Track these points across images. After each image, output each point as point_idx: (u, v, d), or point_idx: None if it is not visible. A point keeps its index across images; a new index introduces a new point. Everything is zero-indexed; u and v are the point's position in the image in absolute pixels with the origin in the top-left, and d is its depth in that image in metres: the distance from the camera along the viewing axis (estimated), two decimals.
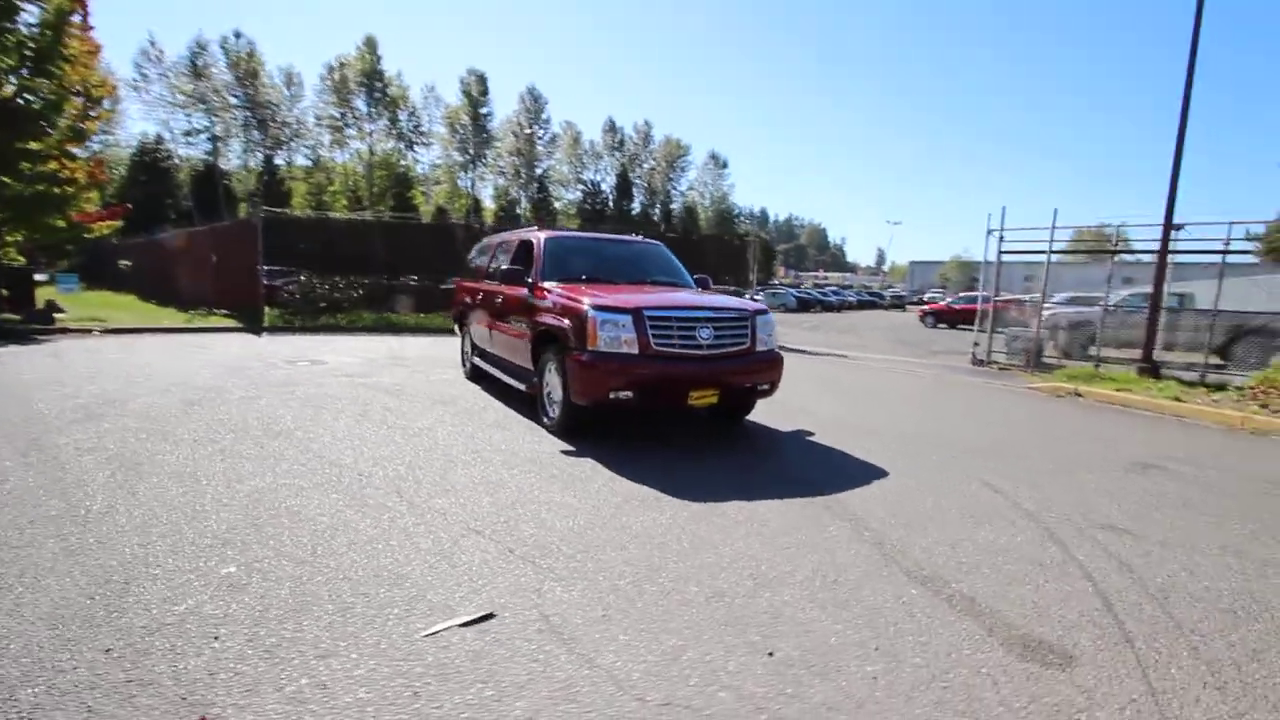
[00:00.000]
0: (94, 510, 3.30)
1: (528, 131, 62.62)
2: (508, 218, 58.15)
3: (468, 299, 7.85)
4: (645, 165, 77.17)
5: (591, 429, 5.16)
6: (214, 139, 47.19)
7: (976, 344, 14.38)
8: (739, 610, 2.54)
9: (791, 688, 2.06)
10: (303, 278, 16.20)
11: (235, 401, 6.11)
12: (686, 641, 2.30)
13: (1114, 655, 2.34)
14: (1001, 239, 13.88)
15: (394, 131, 54.12)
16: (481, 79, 59.51)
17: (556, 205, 67.94)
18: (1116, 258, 14.52)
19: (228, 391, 6.58)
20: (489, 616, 2.40)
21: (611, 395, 4.71)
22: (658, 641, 2.29)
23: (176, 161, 46.20)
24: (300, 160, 51.19)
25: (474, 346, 7.69)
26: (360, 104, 51.51)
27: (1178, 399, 7.86)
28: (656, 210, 75.80)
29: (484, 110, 60.71)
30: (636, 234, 8.09)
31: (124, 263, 24.63)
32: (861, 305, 44.81)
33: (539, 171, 66.49)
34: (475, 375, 7.88)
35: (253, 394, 6.52)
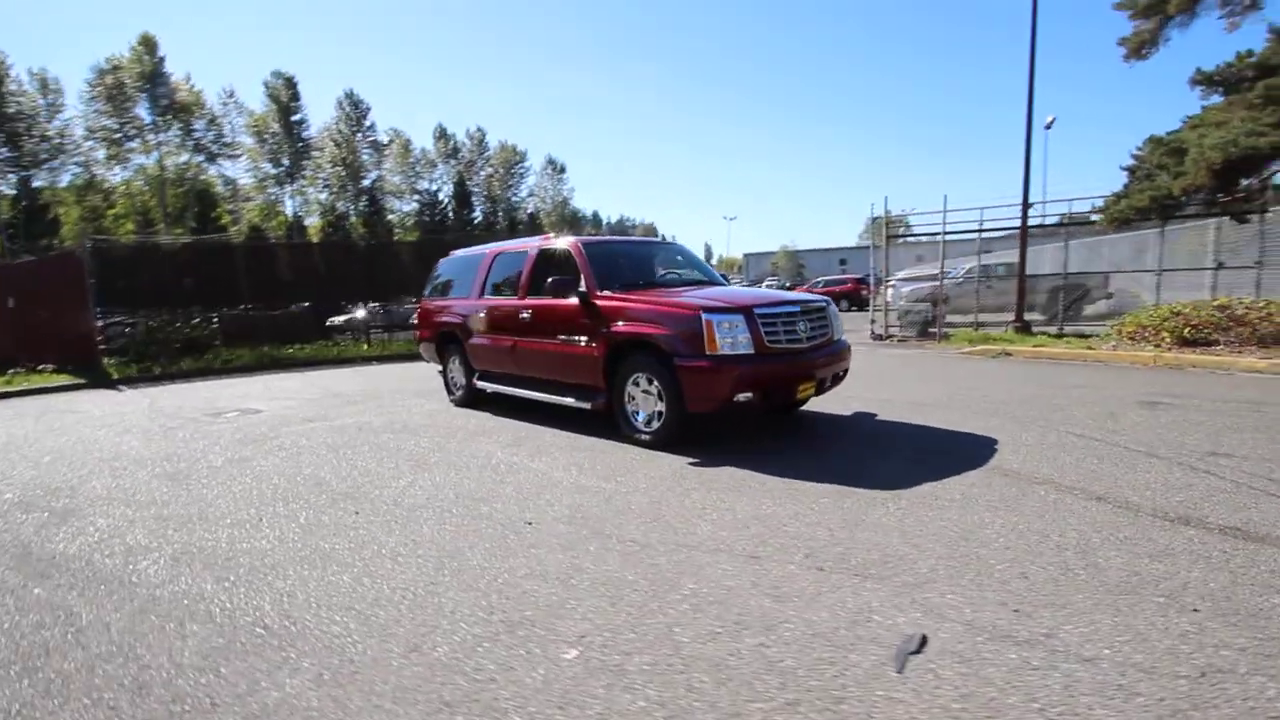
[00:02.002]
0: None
1: (351, 138, 57.77)
2: (337, 233, 53.31)
3: (455, 320, 7.06)
4: (482, 173, 75.00)
5: (678, 440, 4.88)
6: None
7: (874, 321, 15.87)
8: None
9: None
10: (150, 319, 13.55)
11: (229, 467, 4.94)
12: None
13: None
14: (886, 225, 15.46)
15: (189, 143, 47.02)
16: (290, 82, 53.84)
17: (391, 218, 63.65)
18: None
19: (194, 459, 5.30)
20: (923, 640, 2.18)
21: (737, 398, 4.51)
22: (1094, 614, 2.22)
23: None
24: (69, 181, 42.57)
25: (472, 370, 6.94)
26: (142, 113, 44.05)
27: (1089, 348, 9.29)
28: (500, 218, 73.99)
29: (296, 117, 55.00)
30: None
31: None
32: None
33: (367, 183, 61.76)
34: (471, 401, 7.13)
35: (234, 456, 5.31)
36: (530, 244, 6.39)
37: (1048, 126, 34.94)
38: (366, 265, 21.08)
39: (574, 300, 5.42)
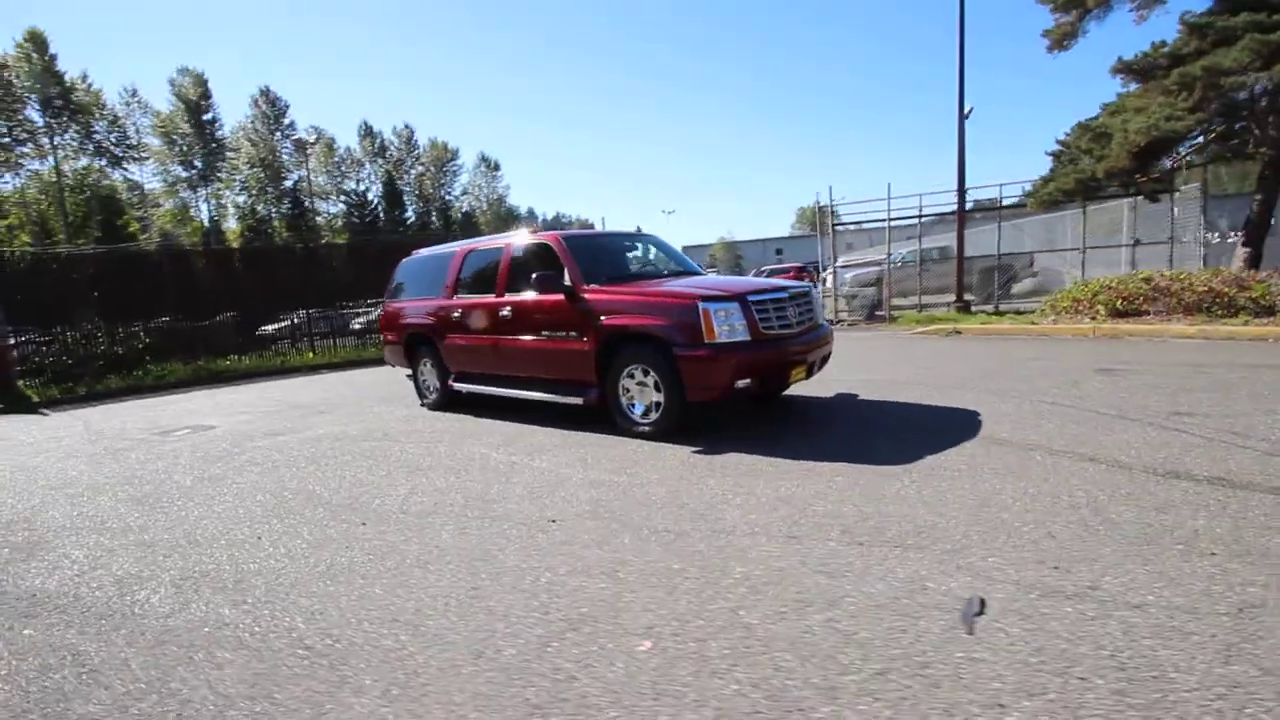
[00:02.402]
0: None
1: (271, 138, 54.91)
2: (258, 237, 50.67)
3: (427, 321, 6.84)
4: (413, 171, 72.80)
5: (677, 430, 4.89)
6: None
7: (822, 306, 16.39)
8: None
9: None
10: (69, 335, 12.48)
11: (202, 486, 4.62)
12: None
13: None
14: (834, 213, 15.93)
15: (88, 146, 43.58)
16: (200, 80, 50.67)
17: (318, 219, 60.94)
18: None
19: (157, 480, 4.93)
20: (981, 603, 2.26)
21: (737, 385, 4.55)
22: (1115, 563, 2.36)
23: None
24: None
25: (447, 372, 6.74)
26: (34, 115, 40.49)
27: (1033, 323, 9.86)
28: (434, 217, 72.02)
29: (208, 117, 51.85)
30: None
31: None
32: None
33: (289, 184, 58.89)
34: (447, 404, 6.93)
35: (204, 475, 4.98)
36: (504, 240, 6.24)
37: (966, 116, 36.68)
38: (297, 270, 20.16)
39: (559, 295, 5.34)
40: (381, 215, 66.73)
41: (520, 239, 6.05)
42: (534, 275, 5.36)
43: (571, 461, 4.54)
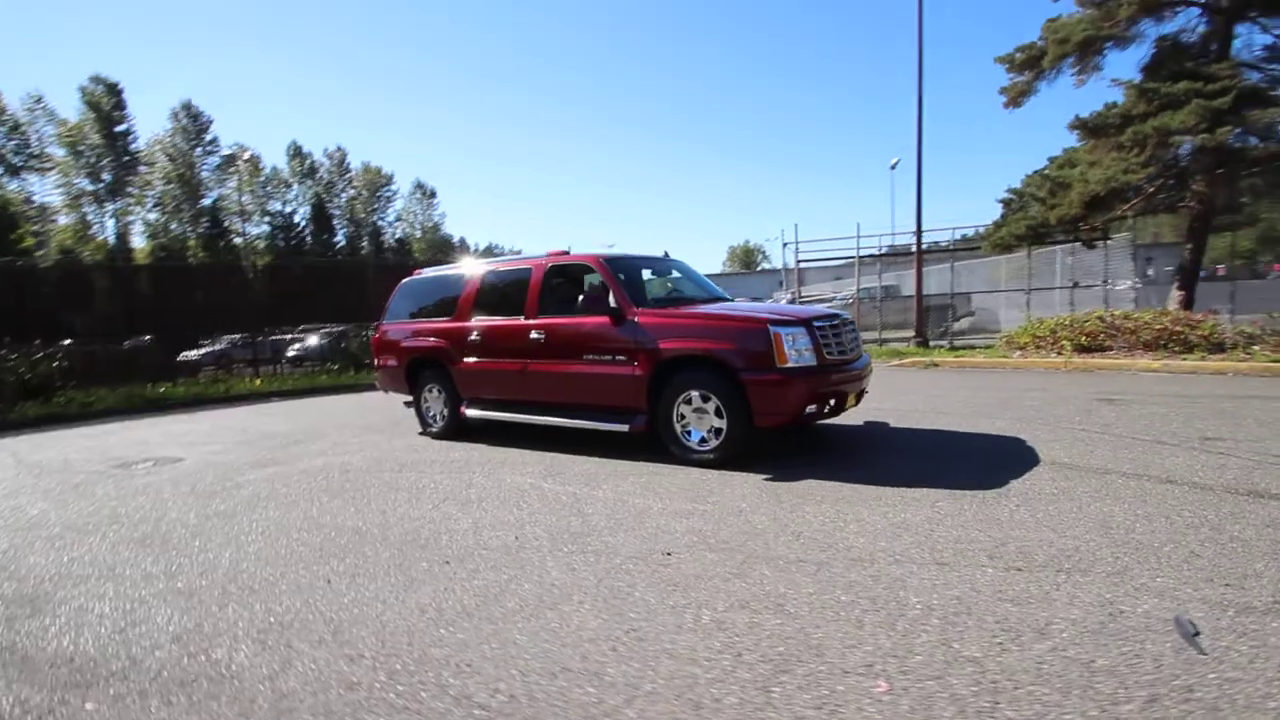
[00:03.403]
0: None
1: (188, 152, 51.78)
2: (171, 257, 47.37)
3: (436, 344, 6.43)
4: (344, 195, 70.35)
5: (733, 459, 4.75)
6: None
7: None
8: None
9: None
10: None
11: (214, 524, 4.05)
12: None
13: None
14: (797, 249, 16.46)
15: None
16: (113, 88, 47.36)
17: (237, 241, 57.62)
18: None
19: (153, 519, 4.31)
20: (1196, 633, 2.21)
21: (807, 410, 4.47)
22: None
23: None
24: None
25: (459, 398, 6.33)
26: None
27: (1005, 357, 10.39)
28: (365, 242, 69.61)
29: (121, 128, 48.40)
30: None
31: None
32: None
33: (208, 202, 55.57)
34: (454, 432, 6.50)
35: (209, 512, 4.39)
36: (531, 261, 5.98)
37: (892, 167, 39.23)
38: (217, 292, 19.01)
39: (604, 318, 5.14)
40: (309, 238, 63.97)
41: (552, 259, 5.82)
42: (581, 297, 5.14)
43: (638, 491, 4.29)
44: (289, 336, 20.44)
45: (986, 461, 4.54)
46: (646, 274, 5.93)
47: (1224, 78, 9.51)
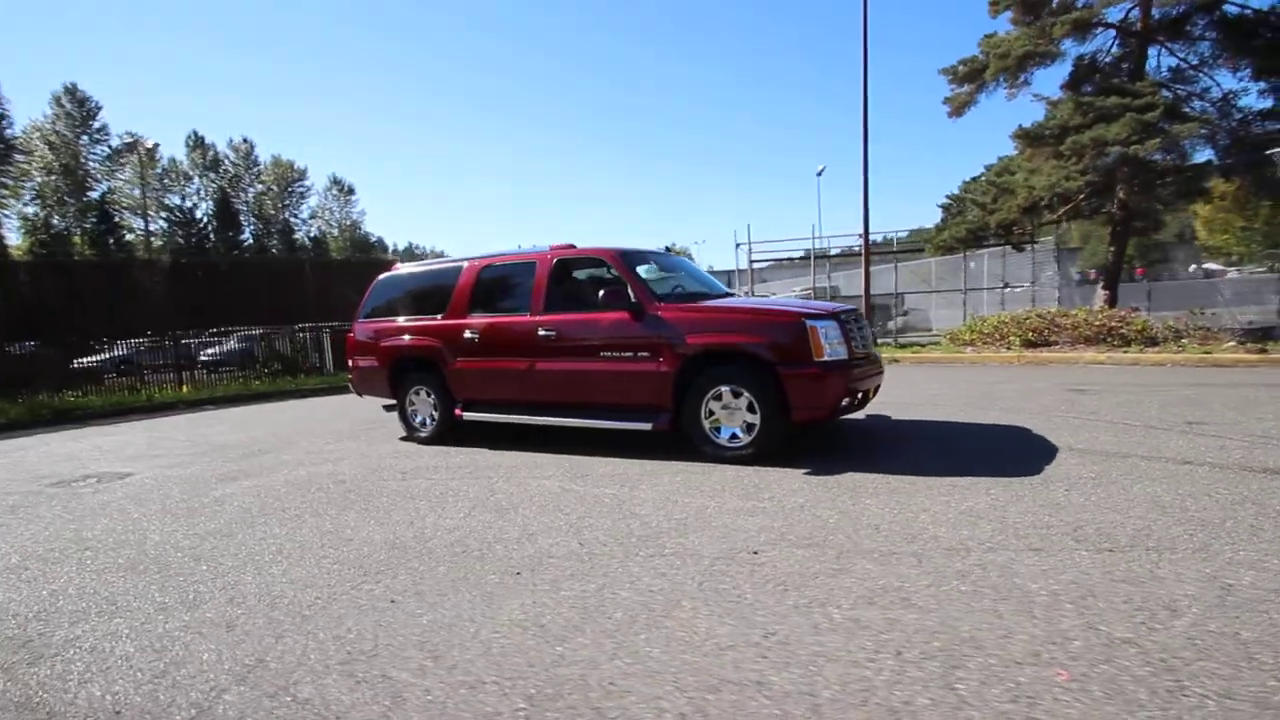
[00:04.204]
0: None
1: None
2: (51, 254, 42.83)
3: (427, 344, 6.03)
4: (252, 190, 65.91)
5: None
6: None
7: None
8: None
9: None
10: None
11: (213, 544, 3.58)
12: None
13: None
14: (750, 250, 16.71)
15: None
16: None
17: (129, 237, 52.89)
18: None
19: (131, 544, 3.78)
20: None
21: (843, 403, 4.47)
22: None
23: None
24: None
25: (453, 400, 5.97)
26: None
27: (959, 352, 10.92)
28: (275, 240, 65.46)
29: None
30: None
31: None
32: None
33: (96, 195, 50.69)
34: (443, 436, 6.12)
35: (199, 531, 3.89)
36: (533, 255, 5.71)
37: (819, 174, 40.71)
38: (109, 291, 17.43)
39: (623, 313, 4.96)
40: (212, 235, 59.49)
41: (557, 253, 5.57)
42: (602, 292, 4.93)
43: (682, 490, 4.14)
44: (198, 341, 18.81)
45: (1009, 450, 4.69)
46: (653, 268, 5.79)
47: (1148, 94, 10.45)
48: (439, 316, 6.02)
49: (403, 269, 6.71)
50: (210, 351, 18.56)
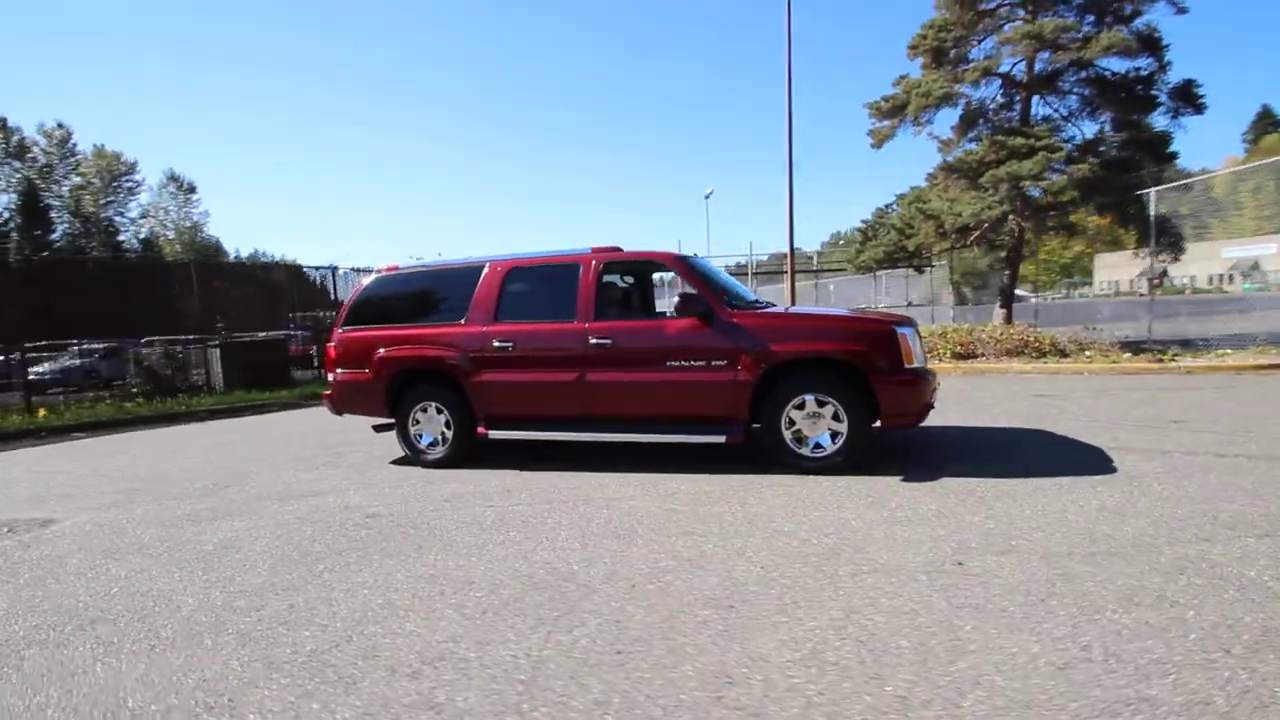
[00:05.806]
0: None
1: None
2: None
3: (443, 354, 5.34)
4: (67, 183, 56.71)
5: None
6: None
7: None
8: None
9: None
10: None
11: (233, 607, 2.84)
12: None
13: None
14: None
15: None
16: None
17: None
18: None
19: (139, 609, 2.92)
20: None
21: (931, 409, 4.52)
22: None
23: None
24: None
25: (474, 417, 5.33)
26: None
27: (944, 361, 11.65)
28: (96, 240, 56.61)
29: None
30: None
31: None
32: None
33: None
34: (462, 457, 5.45)
35: (196, 583, 3.09)
36: (575, 256, 5.24)
37: (707, 196, 42.30)
38: None
39: (690, 320, 4.70)
40: (14, 233, 50.24)
41: (601, 256, 5.16)
42: (679, 298, 4.63)
43: (801, 503, 3.93)
44: (16, 357, 15.58)
45: (1058, 451, 4.98)
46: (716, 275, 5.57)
47: (1045, 136, 11.98)
48: (455, 323, 5.37)
49: (403, 269, 5.93)
50: (39, 370, 15.49)
